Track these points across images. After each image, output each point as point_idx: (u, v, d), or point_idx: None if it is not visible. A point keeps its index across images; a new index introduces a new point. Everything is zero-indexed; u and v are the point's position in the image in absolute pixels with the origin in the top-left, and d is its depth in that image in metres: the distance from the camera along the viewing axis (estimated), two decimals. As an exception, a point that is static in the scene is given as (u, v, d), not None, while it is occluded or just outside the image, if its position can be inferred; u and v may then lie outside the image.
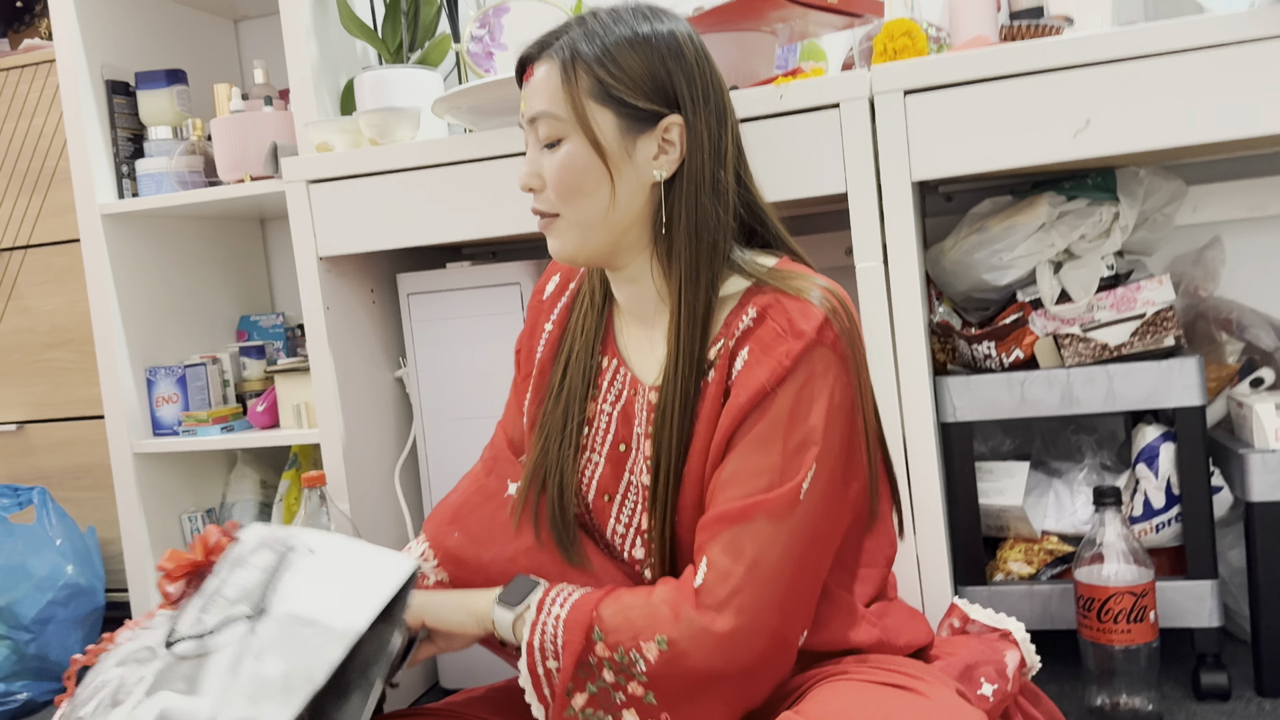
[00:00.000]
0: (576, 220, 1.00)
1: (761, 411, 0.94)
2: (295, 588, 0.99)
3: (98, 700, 0.99)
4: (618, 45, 0.98)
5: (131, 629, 1.09)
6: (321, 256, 1.58)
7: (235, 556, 1.04)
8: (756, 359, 0.96)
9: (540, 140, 1.01)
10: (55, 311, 2.09)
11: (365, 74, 1.61)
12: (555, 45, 1.00)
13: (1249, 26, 1.21)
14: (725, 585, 0.91)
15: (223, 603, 1.01)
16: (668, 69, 0.98)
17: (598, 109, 0.97)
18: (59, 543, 1.90)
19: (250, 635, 0.97)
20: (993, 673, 1.03)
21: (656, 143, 0.99)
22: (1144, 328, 1.41)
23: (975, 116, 1.28)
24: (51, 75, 2.04)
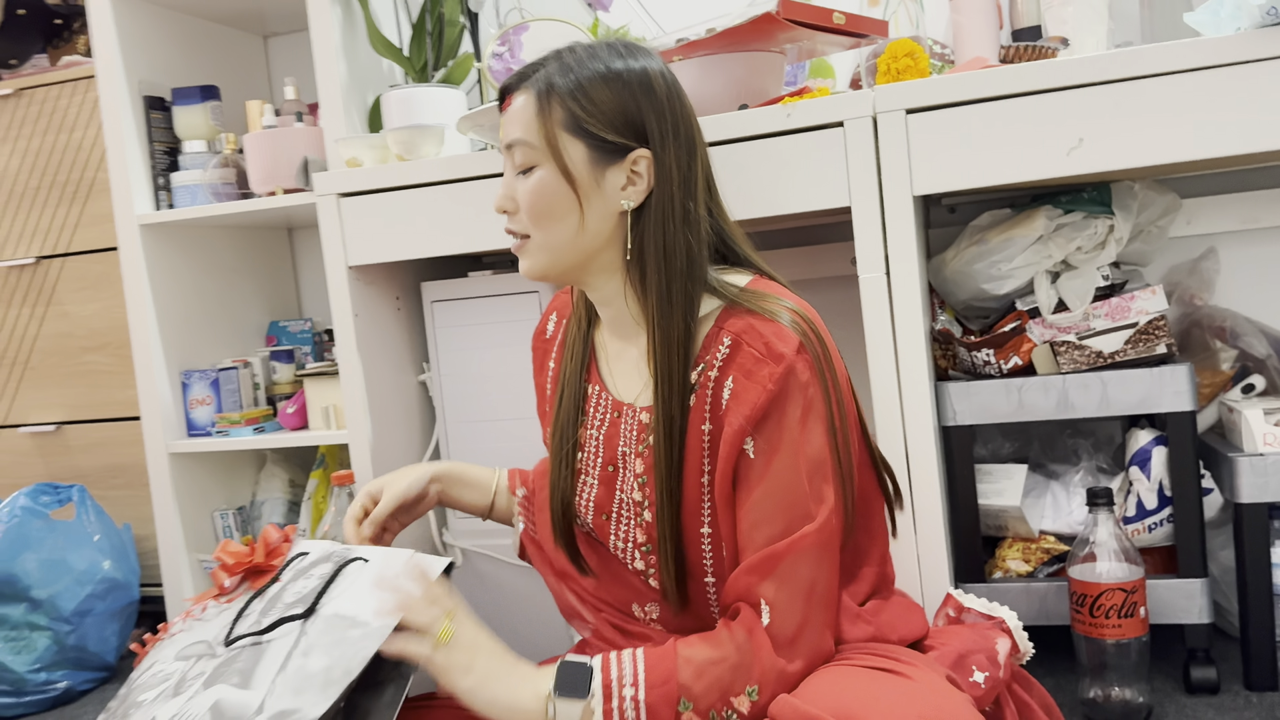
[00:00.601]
0: (545, 243, 1.07)
1: (767, 441, 1.00)
2: (343, 590, 1.07)
3: (161, 689, 1.07)
4: (591, 80, 1.04)
5: (184, 619, 1.16)
6: (350, 266, 1.65)
7: (300, 567, 1.12)
8: (742, 385, 1.01)
9: (515, 166, 1.07)
10: (93, 317, 2.17)
11: (392, 92, 1.69)
12: (533, 77, 1.06)
13: (1236, 49, 1.26)
14: (791, 622, 0.96)
15: (281, 607, 1.08)
16: (638, 104, 1.04)
17: (569, 140, 1.04)
18: (97, 539, 1.99)
19: (300, 634, 1.04)
20: (984, 660, 1.08)
21: (625, 174, 1.05)
22: (1137, 336, 1.47)
23: (974, 134, 1.34)
24: (90, 90, 2.13)
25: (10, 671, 1.85)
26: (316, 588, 1.09)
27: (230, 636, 1.09)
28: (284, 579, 1.13)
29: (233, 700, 1.01)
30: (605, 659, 0.97)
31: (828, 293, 1.64)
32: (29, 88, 2.18)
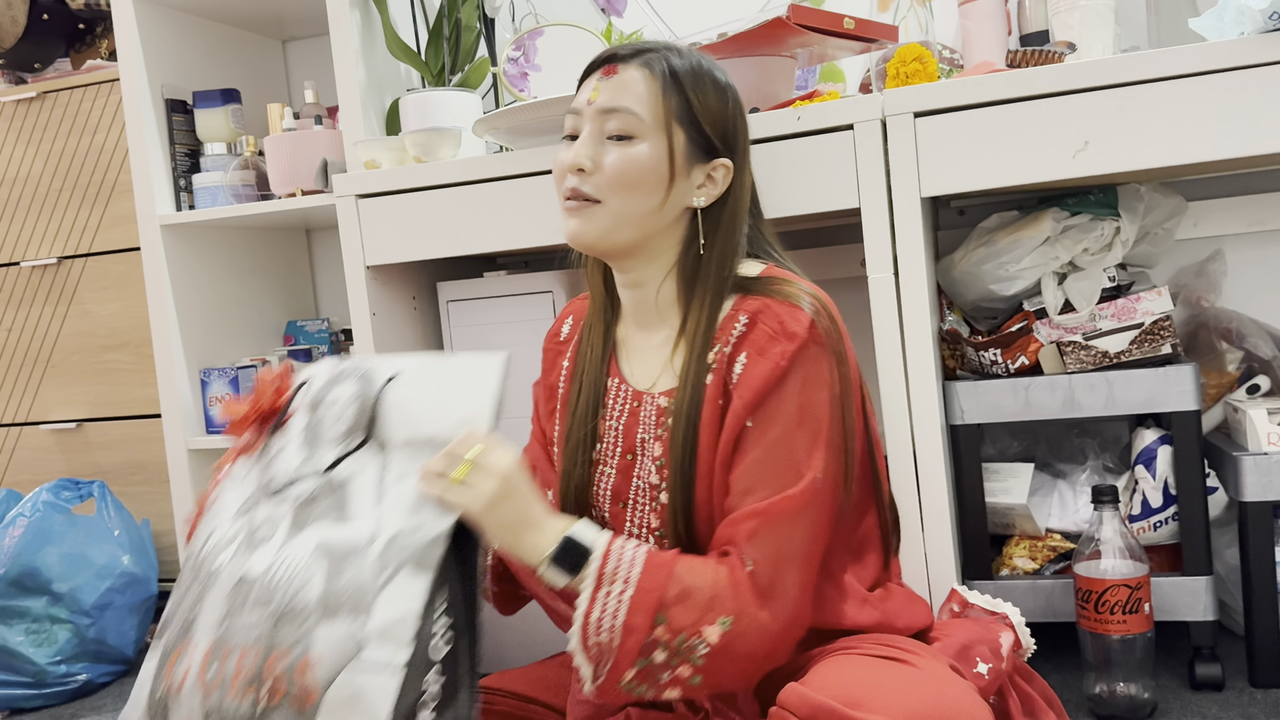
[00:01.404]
0: (618, 211, 1.08)
1: (769, 410, 1.03)
2: (403, 414, 1.05)
3: (234, 547, 1.03)
4: (710, 80, 1.10)
5: (214, 488, 1.13)
6: (368, 266, 1.69)
7: (312, 398, 1.10)
8: (754, 361, 1.04)
9: (606, 131, 1.09)
10: (114, 316, 2.20)
11: (410, 95, 1.72)
12: (650, 56, 1.10)
13: (1239, 54, 1.28)
14: (767, 577, 0.99)
15: (327, 441, 1.07)
16: (734, 116, 1.12)
17: (677, 126, 1.08)
18: (117, 534, 2.02)
19: (377, 467, 1.03)
20: (987, 652, 1.11)
21: (705, 175, 1.10)
22: (1142, 336, 1.49)
23: (981, 137, 1.37)
24: (113, 93, 2.17)
25: (31, 664, 1.89)
26: (357, 411, 1.06)
27: (278, 481, 1.06)
28: (301, 412, 1.10)
29: (337, 536, 0.99)
30: (608, 549, 0.99)
31: (838, 294, 1.65)
32: (52, 91, 2.22)
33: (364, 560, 0.96)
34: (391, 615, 0.94)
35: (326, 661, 0.93)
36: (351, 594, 0.95)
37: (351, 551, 0.98)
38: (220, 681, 0.97)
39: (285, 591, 0.97)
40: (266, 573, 0.99)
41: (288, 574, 0.98)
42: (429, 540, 0.97)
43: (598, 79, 1.11)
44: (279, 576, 0.99)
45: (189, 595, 1.05)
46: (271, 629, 0.96)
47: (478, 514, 0.98)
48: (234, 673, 0.96)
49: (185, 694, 0.98)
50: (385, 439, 1.04)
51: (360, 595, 0.95)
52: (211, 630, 0.99)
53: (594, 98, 1.10)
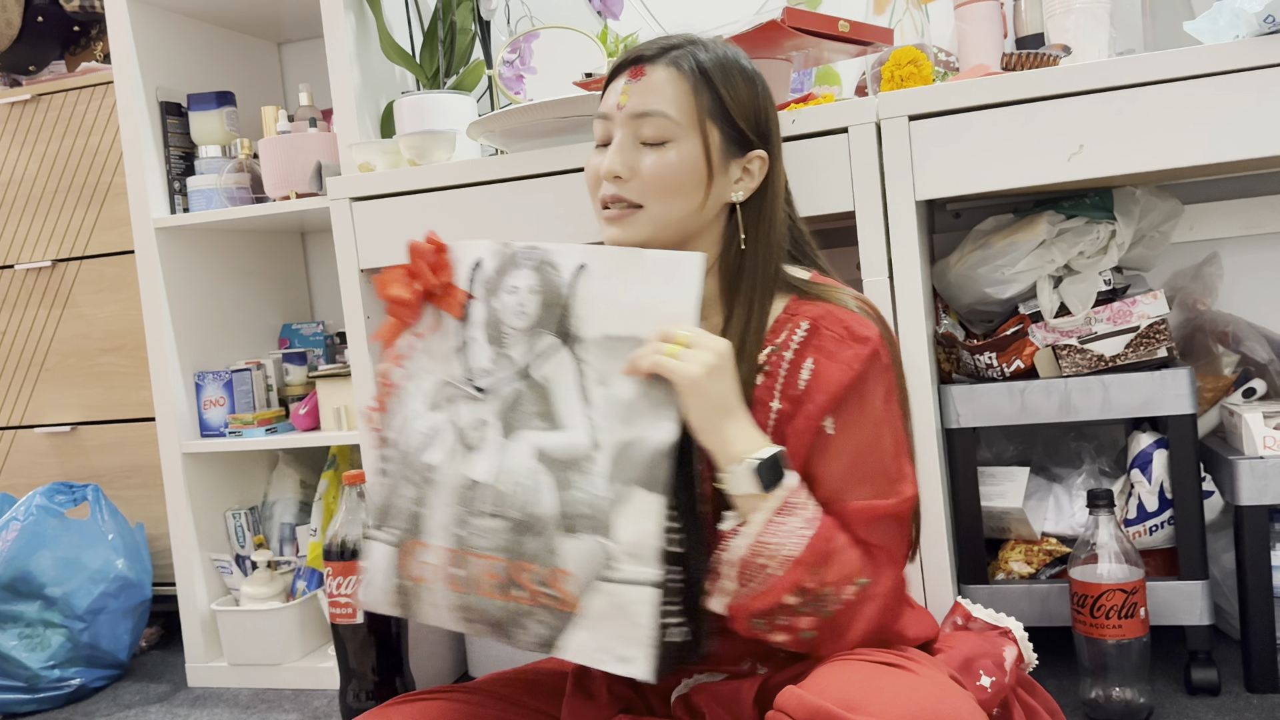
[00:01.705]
0: (659, 216, 1.08)
1: (850, 414, 1.04)
2: (597, 309, 1.03)
3: (445, 447, 1.06)
4: (738, 71, 1.09)
5: (398, 366, 1.12)
6: (363, 269, 1.68)
7: (487, 284, 1.08)
8: (825, 365, 1.04)
9: (639, 136, 1.08)
10: (109, 319, 2.20)
11: (404, 98, 1.72)
12: (677, 53, 1.08)
13: (1234, 57, 1.28)
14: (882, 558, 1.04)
15: (513, 334, 1.05)
16: (765, 107, 1.11)
17: (710, 124, 1.07)
18: (111, 537, 2.01)
19: (574, 366, 1.02)
20: (991, 665, 1.11)
21: (741, 169, 1.10)
22: (1138, 340, 1.49)
23: (976, 140, 1.36)
24: (108, 96, 2.16)
25: (24, 668, 1.88)
26: (539, 304, 1.04)
27: (474, 379, 1.06)
28: (480, 296, 1.08)
29: (555, 443, 1.02)
30: (799, 484, 1.01)
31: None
32: (47, 93, 2.21)
33: (591, 477, 0.99)
34: (633, 534, 0.97)
35: (579, 573, 0.98)
36: (588, 511, 0.99)
37: (573, 463, 1.00)
38: (470, 581, 1.03)
39: (516, 503, 1.01)
40: (493, 481, 1.03)
41: (514, 484, 1.02)
42: (654, 456, 0.98)
43: (625, 82, 1.09)
44: (506, 487, 1.02)
45: (405, 489, 1.09)
46: (512, 539, 1.01)
47: (690, 384, 0.96)
48: (482, 575, 1.02)
49: (431, 588, 1.05)
50: (578, 334, 1.03)
51: (597, 513, 0.98)
52: (447, 532, 1.04)
53: (623, 102, 1.08)
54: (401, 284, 1.11)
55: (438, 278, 1.10)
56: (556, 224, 1.55)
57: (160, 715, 1.84)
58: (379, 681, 1.59)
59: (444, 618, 1.06)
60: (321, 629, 1.99)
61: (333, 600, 1.58)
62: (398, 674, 1.61)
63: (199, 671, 1.99)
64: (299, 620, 1.94)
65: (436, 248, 1.10)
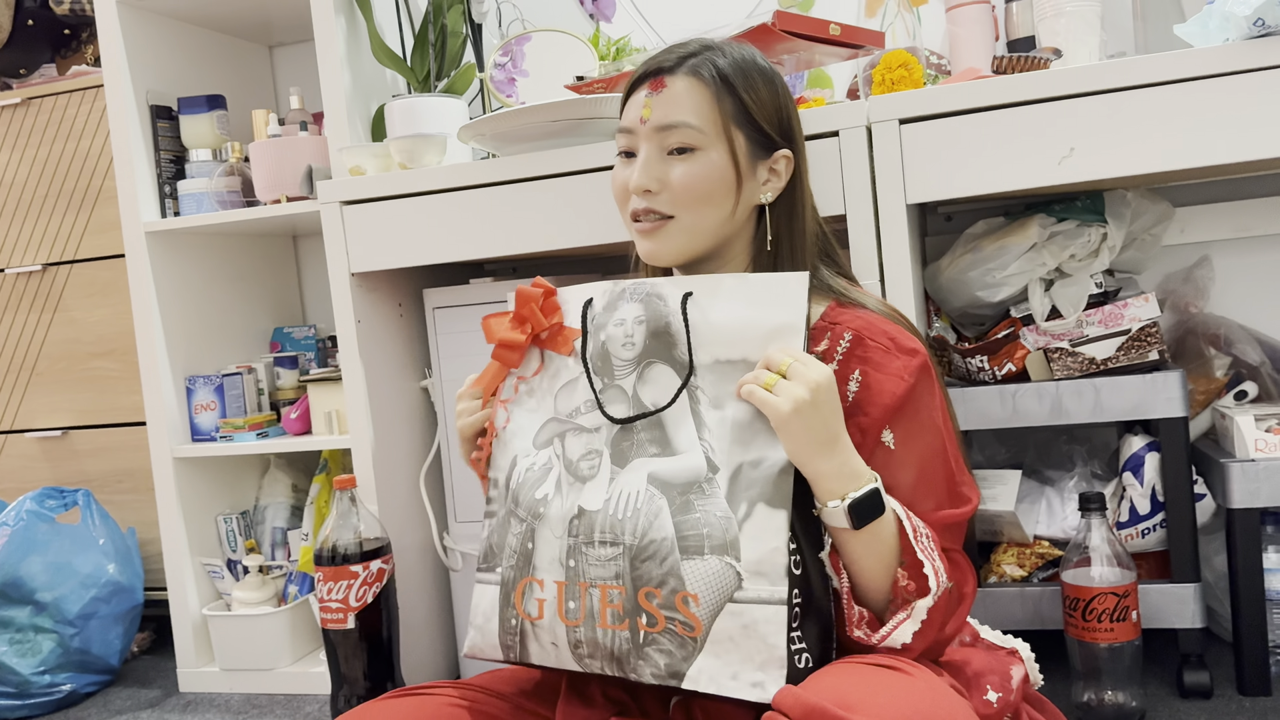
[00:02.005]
0: (692, 225, 1.09)
1: (909, 426, 1.03)
2: (706, 335, 1.03)
3: (554, 480, 1.06)
4: (758, 73, 1.10)
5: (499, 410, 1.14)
6: (354, 273, 1.68)
7: (595, 320, 1.09)
8: (874, 378, 1.04)
9: (665, 146, 1.08)
10: (100, 323, 2.19)
11: (395, 102, 1.71)
12: (695, 61, 1.08)
13: (1224, 60, 1.28)
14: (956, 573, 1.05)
15: (622, 365, 1.06)
16: (786, 105, 1.12)
17: (735, 129, 1.08)
18: (102, 542, 2.01)
19: (690, 390, 1.02)
20: (998, 681, 1.10)
21: (768, 170, 1.11)
22: (1129, 343, 1.49)
23: (966, 144, 1.36)
24: (98, 100, 2.15)
25: (15, 674, 1.87)
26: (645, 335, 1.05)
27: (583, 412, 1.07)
28: (590, 333, 1.09)
29: (668, 470, 1.00)
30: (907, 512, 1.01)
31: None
32: (37, 97, 2.20)
33: (712, 498, 0.98)
34: (759, 551, 0.95)
35: (706, 596, 0.95)
36: (710, 532, 0.96)
37: (691, 485, 0.99)
38: (586, 614, 1.00)
39: (630, 528, 0.99)
40: (605, 509, 1.01)
41: (628, 510, 1.00)
42: (775, 474, 0.97)
43: (646, 95, 1.09)
44: (620, 513, 1.00)
45: (513, 528, 1.08)
46: (629, 566, 0.99)
47: (780, 419, 0.95)
48: (600, 607, 0.99)
49: (546, 625, 1.03)
50: (688, 360, 1.03)
51: (721, 533, 0.96)
52: (556, 566, 1.03)
53: (646, 115, 1.09)
54: (510, 327, 1.13)
55: (547, 320, 1.12)
56: (549, 228, 1.55)
57: (151, 721, 1.84)
58: (371, 687, 1.58)
59: (558, 656, 1.05)
60: (313, 634, 1.98)
61: (323, 605, 1.57)
62: (389, 679, 1.61)
63: (190, 676, 1.98)
64: (290, 625, 1.94)
65: (545, 291, 1.13)
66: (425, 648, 1.82)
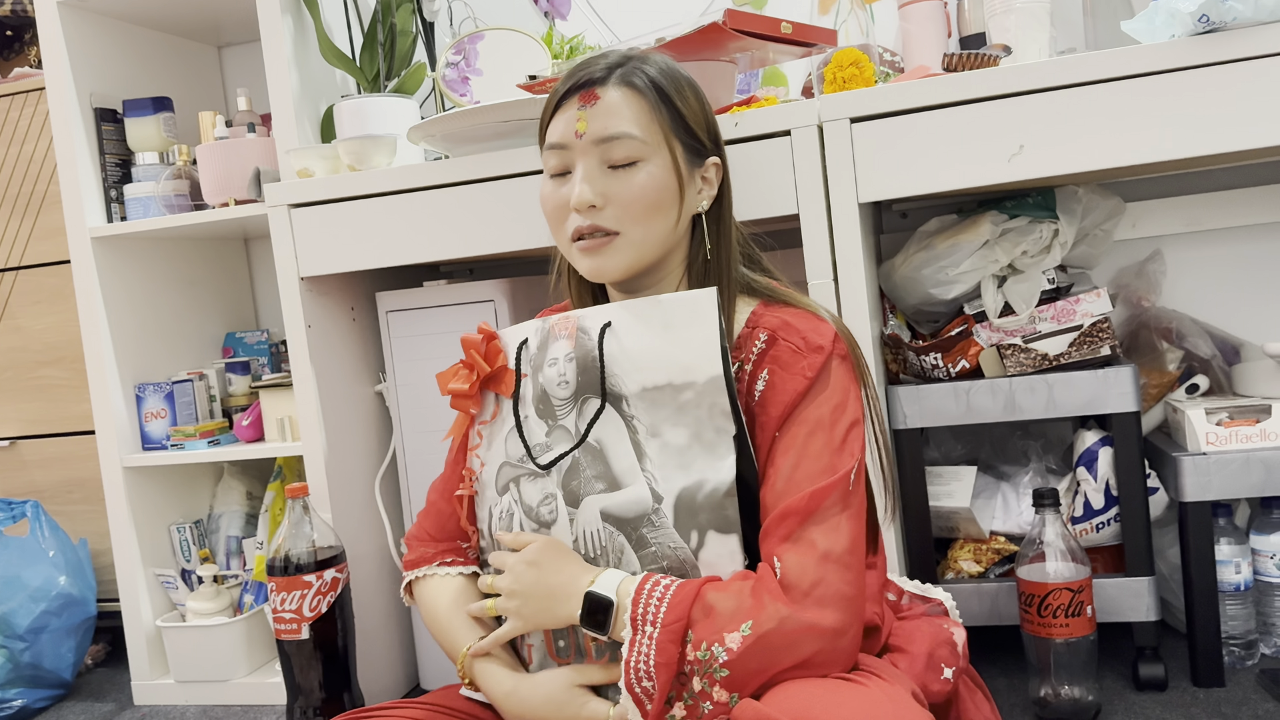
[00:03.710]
0: (640, 239, 1.06)
1: (795, 419, 1.02)
2: (627, 363, 1.03)
3: (519, 526, 1.09)
4: (685, 83, 1.09)
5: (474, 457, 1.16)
6: (303, 277, 1.65)
7: (533, 360, 1.10)
8: (780, 377, 1.03)
9: (606, 160, 1.05)
10: (47, 330, 2.15)
11: (344, 102, 1.69)
12: (625, 70, 1.06)
13: (1170, 57, 1.29)
14: (806, 575, 0.94)
15: (559, 403, 1.07)
16: (710, 113, 1.11)
17: (673, 138, 1.07)
18: (52, 554, 1.97)
19: (621, 424, 1.03)
20: (949, 654, 1.12)
21: (700, 178, 1.10)
22: (1082, 338, 1.49)
23: (917, 142, 1.36)
24: (41, 102, 2.11)
25: (-37, 690, 1.83)
26: (576, 371, 1.06)
27: (533, 455, 1.08)
28: (525, 371, 1.11)
29: (617, 504, 1.02)
30: (639, 592, 0.97)
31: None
32: (-21, 99, 2.16)
33: (661, 529, 1.01)
34: (719, 576, 0.99)
35: None
36: (670, 565, 1.00)
37: (641, 519, 1.01)
38: (575, 652, 1.05)
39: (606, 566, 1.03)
40: (576, 549, 1.05)
41: (596, 549, 1.04)
42: (720, 499, 0.99)
43: (578, 108, 1.05)
44: (591, 553, 1.04)
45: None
46: None
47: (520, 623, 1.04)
48: (586, 642, 1.04)
49: (538, 668, 1.08)
50: (618, 391, 1.04)
51: (680, 564, 1.00)
52: None
53: (582, 129, 1.05)
54: (460, 377, 1.14)
55: (491, 365, 1.12)
56: (503, 229, 1.53)
57: (104, 735, 1.80)
58: (326, 698, 1.56)
59: None
60: (269, 644, 1.96)
61: (277, 616, 1.55)
62: (346, 690, 1.58)
63: (145, 689, 1.95)
64: (246, 635, 1.91)
65: (486, 336, 1.13)
66: (382, 657, 1.80)
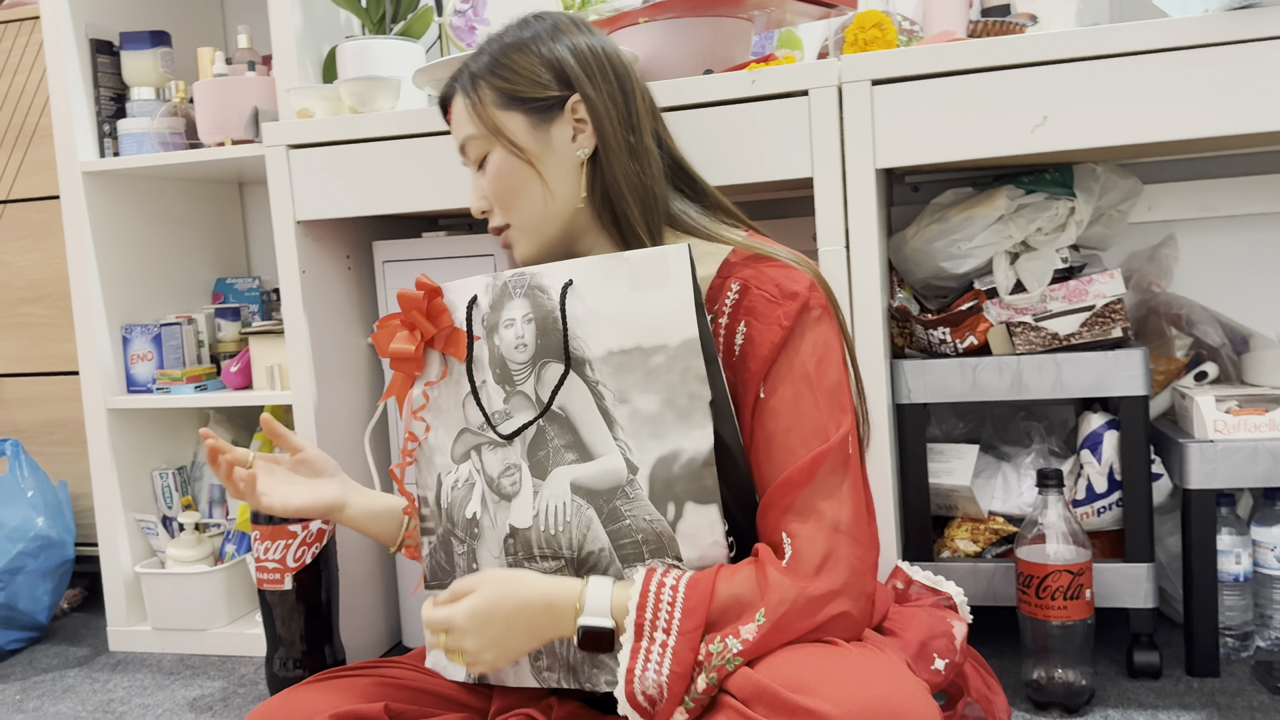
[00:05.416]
0: (523, 223, 1.09)
1: (780, 375, 0.98)
2: (592, 325, 0.98)
3: (478, 498, 1.04)
4: (504, 51, 1.08)
5: (413, 420, 1.11)
6: (299, 220, 1.61)
7: (486, 322, 1.05)
8: (755, 329, 1.00)
9: (474, 164, 1.11)
10: (32, 267, 2.10)
11: (348, 43, 1.64)
12: (461, 79, 1.11)
13: (1203, 31, 1.25)
14: (816, 550, 0.93)
15: (520, 369, 1.02)
16: (555, 55, 1.07)
17: (505, 115, 1.07)
18: (30, 495, 1.93)
19: (587, 390, 0.99)
20: (944, 646, 1.09)
21: (570, 125, 1.06)
22: (1093, 319, 1.47)
23: (939, 108, 1.32)
24: (35, 32, 2.05)
25: (-65, 629, 1.80)
26: (535, 334, 1.01)
27: (493, 423, 1.03)
28: (478, 334, 1.05)
29: (589, 475, 0.99)
30: (643, 596, 0.93)
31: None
32: (-30, 27, 2.09)
33: (636, 501, 0.97)
34: (699, 549, 0.96)
35: None
36: (645, 538, 0.96)
37: (615, 491, 0.97)
38: None
39: (568, 542, 0.99)
40: (536, 526, 1.00)
41: (559, 524, 0.99)
42: (698, 469, 0.95)
43: (451, 126, 1.14)
44: (553, 528, 1.00)
45: (456, 547, 1.08)
46: (574, 575, 0.99)
47: (482, 663, 0.97)
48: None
49: None
50: (582, 355, 0.99)
51: (656, 537, 0.96)
52: None
53: (457, 144, 1.13)
54: (402, 339, 1.09)
55: (436, 324, 1.08)
56: (504, 180, 1.48)
57: (79, 679, 1.77)
58: (307, 650, 1.53)
59: (518, 674, 1.04)
60: (250, 594, 1.92)
61: (260, 565, 1.52)
62: (327, 643, 1.56)
63: (121, 635, 1.91)
64: (226, 585, 1.88)
65: (428, 292, 1.09)
66: (366, 611, 1.77)
